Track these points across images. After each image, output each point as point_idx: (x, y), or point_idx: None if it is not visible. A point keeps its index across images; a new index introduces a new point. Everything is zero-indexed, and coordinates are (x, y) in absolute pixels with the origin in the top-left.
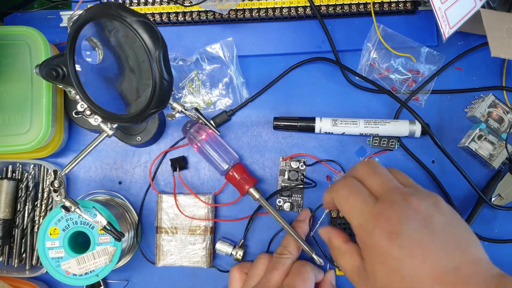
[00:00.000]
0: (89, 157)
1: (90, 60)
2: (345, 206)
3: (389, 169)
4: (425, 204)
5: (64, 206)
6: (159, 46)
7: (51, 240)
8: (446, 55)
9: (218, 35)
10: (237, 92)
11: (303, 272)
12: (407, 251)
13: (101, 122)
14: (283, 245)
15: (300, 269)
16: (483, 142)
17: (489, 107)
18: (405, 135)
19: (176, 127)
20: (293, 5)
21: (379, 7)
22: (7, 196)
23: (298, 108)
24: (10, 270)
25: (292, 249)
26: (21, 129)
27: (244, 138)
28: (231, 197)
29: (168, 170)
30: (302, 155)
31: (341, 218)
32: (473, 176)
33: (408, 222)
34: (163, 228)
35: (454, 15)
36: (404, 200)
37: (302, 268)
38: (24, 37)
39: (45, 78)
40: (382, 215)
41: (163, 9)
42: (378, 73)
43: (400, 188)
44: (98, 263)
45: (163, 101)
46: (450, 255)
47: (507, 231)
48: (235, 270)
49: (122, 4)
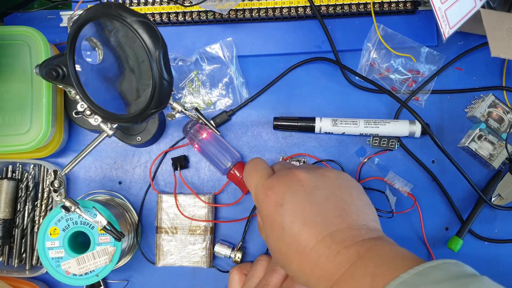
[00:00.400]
0: (89, 157)
1: (90, 60)
2: (247, 179)
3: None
4: (309, 177)
5: (64, 206)
6: (159, 46)
7: (51, 240)
8: (446, 55)
9: (218, 35)
10: (237, 92)
11: None
12: (289, 219)
13: (101, 122)
14: None
15: None
16: (483, 142)
17: (489, 107)
18: (405, 135)
19: (176, 127)
20: (293, 5)
21: (379, 7)
22: (7, 196)
23: (298, 108)
24: (10, 270)
25: None
26: (21, 129)
27: (244, 138)
28: (232, 197)
29: (168, 170)
30: (302, 155)
31: None
32: (473, 176)
33: (291, 193)
34: (163, 228)
35: (454, 15)
36: (291, 174)
37: None
38: (24, 37)
39: (45, 78)
40: (271, 188)
41: (163, 9)
42: (378, 73)
43: (292, 165)
44: (98, 263)
45: (163, 101)
46: (328, 223)
47: (507, 231)
48: (235, 271)
49: (122, 4)
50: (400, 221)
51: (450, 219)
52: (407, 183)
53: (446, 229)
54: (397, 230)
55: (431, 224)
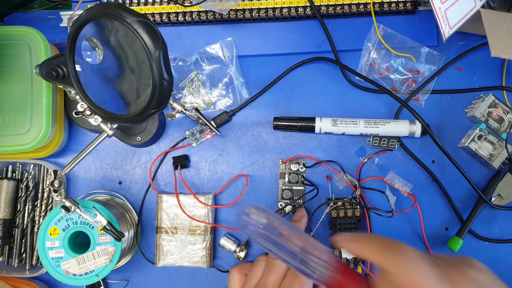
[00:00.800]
0: (89, 157)
1: (90, 60)
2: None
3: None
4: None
5: (64, 206)
6: (159, 46)
7: (51, 240)
8: (446, 55)
9: (218, 35)
10: (237, 92)
11: (299, 275)
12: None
13: (101, 122)
14: None
15: (297, 272)
16: (483, 142)
17: (489, 107)
18: (405, 135)
19: (176, 127)
20: (293, 5)
21: (379, 7)
22: (7, 196)
23: (298, 108)
24: (10, 270)
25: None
26: (21, 129)
27: (244, 138)
28: (232, 198)
29: (168, 170)
30: (301, 157)
31: (341, 218)
32: (473, 176)
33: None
34: (163, 228)
35: (454, 15)
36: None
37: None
38: (24, 37)
39: (45, 78)
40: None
41: (163, 9)
42: (378, 73)
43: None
44: (98, 263)
45: (163, 101)
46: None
47: (507, 231)
48: (235, 271)
49: (122, 4)
50: (400, 221)
51: (450, 219)
52: (407, 183)
53: (446, 229)
54: (397, 230)
55: (431, 224)
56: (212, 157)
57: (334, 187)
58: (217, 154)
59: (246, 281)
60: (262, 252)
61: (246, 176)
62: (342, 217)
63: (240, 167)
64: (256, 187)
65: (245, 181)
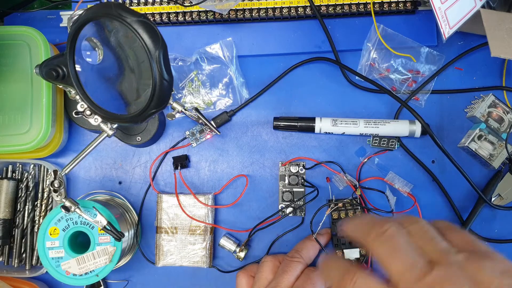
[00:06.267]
0: (89, 157)
1: (90, 60)
2: (389, 262)
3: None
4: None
5: (64, 206)
6: (159, 46)
7: (51, 240)
8: (446, 55)
9: (218, 35)
10: (237, 92)
11: (312, 277)
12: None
13: (101, 122)
14: (296, 249)
15: (309, 274)
16: (483, 142)
17: (489, 107)
18: (405, 135)
19: (176, 127)
20: (293, 5)
21: (379, 7)
22: (7, 196)
23: (298, 108)
24: (10, 270)
25: (305, 254)
26: (21, 129)
27: (244, 138)
28: (232, 198)
29: (168, 170)
30: (300, 159)
31: (342, 219)
32: (473, 176)
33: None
34: (163, 228)
35: (454, 15)
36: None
37: (312, 273)
38: (24, 37)
39: (45, 78)
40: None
41: (163, 9)
42: (378, 73)
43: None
44: (98, 263)
45: (163, 101)
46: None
47: (507, 231)
48: (242, 275)
49: (122, 4)
50: None
51: (450, 219)
52: (407, 183)
53: None
54: None
55: None
56: (212, 157)
57: (334, 188)
58: (217, 154)
59: (254, 283)
60: (263, 252)
61: (246, 176)
62: (343, 218)
63: (240, 167)
64: (256, 187)
65: (245, 181)
